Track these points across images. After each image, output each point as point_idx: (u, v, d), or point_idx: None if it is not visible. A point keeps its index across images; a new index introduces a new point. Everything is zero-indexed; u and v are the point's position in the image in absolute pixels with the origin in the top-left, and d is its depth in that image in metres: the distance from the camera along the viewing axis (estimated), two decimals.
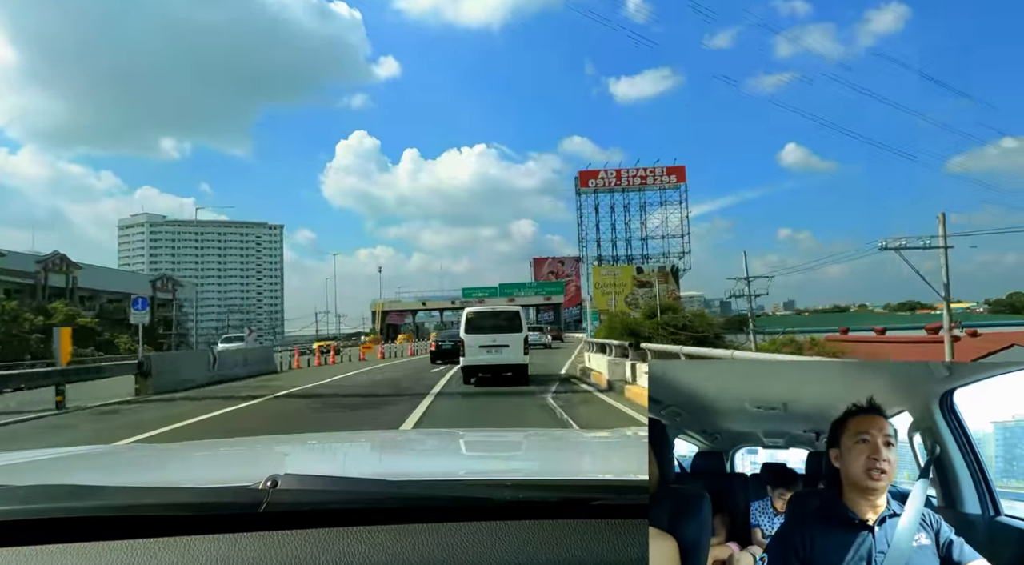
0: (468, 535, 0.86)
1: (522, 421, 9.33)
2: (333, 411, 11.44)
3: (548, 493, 1.00)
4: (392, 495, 0.96)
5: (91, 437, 8.80)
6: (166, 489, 1.06)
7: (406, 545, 0.85)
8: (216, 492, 0.99)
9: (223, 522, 0.87)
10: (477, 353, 13.88)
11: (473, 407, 11.37)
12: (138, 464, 1.66)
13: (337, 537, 0.85)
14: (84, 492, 0.94)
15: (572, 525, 0.89)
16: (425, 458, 1.85)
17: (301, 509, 0.90)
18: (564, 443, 2.12)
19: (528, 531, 0.88)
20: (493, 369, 14.16)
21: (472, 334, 13.99)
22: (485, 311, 15.01)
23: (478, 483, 1.09)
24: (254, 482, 0.94)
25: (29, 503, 0.91)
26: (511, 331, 14.02)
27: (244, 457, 1.79)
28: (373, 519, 0.89)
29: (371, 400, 12.91)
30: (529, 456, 1.84)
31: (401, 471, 1.54)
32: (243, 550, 0.83)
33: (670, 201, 72.94)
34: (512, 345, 13.92)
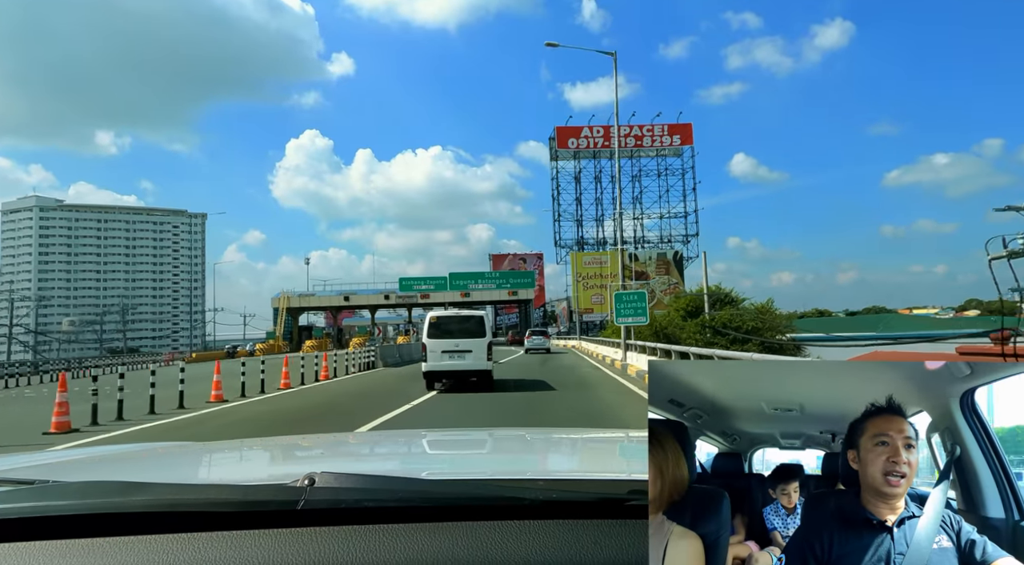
0: (501, 534, 0.87)
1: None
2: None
3: (581, 492, 1.00)
4: (426, 494, 0.98)
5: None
6: (210, 486, 1.11)
7: (440, 544, 0.86)
8: (257, 489, 1.03)
9: (263, 519, 0.90)
10: (440, 358, 13.91)
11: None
12: (182, 462, 1.73)
13: (373, 535, 0.87)
14: (133, 488, 0.98)
15: (606, 525, 0.90)
16: (458, 457, 1.87)
17: (338, 506, 0.92)
18: (598, 442, 2.11)
19: (561, 530, 0.88)
20: (456, 375, 14.16)
21: (434, 339, 13.98)
22: (449, 316, 14.84)
23: (510, 482, 1.10)
24: (292, 480, 0.97)
25: (85, 498, 0.95)
26: (475, 336, 14.00)
27: (282, 456, 1.85)
28: (408, 517, 0.91)
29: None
30: (563, 455, 1.84)
31: (435, 470, 1.56)
32: (282, 546, 0.85)
33: (671, 170, 54.03)
34: (476, 350, 13.92)
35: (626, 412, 10.64)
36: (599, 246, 56.82)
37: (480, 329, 14.13)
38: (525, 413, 10.71)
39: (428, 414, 10.92)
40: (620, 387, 14.92)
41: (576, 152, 54.67)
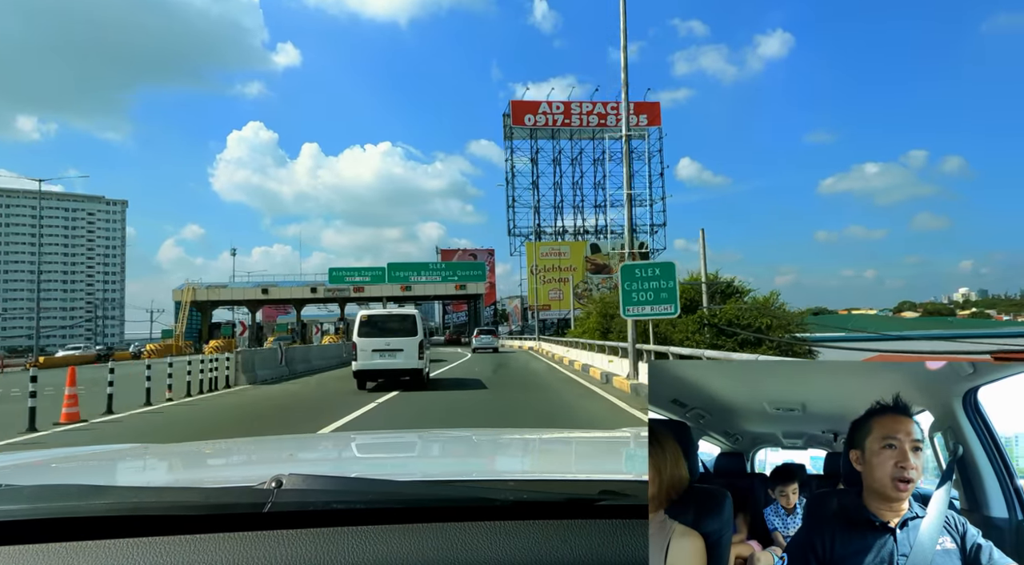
0: (472, 535, 0.87)
1: None
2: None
3: (552, 492, 0.99)
4: (396, 495, 0.97)
5: None
6: (172, 489, 1.08)
7: (410, 545, 0.85)
8: (222, 492, 1.01)
9: (229, 522, 0.88)
10: (370, 357, 13.93)
11: None
12: (145, 464, 1.69)
13: (342, 537, 0.86)
14: (91, 492, 0.95)
15: (577, 525, 0.89)
16: (430, 458, 1.85)
17: (306, 509, 0.90)
18: (569, 443, 2.10)
19: (532, 531, 0.88)
20: (387, 374, 14.18)
21: (365, 338, 13.98)
22: (380, 315, 14.94)
23: (481, 483, 1.09)
24: (259, 482, 0.95)
25: (37, 502, 0.92)
26: (406, 335, 14.01)
27: (250, 457, 1.82)
28: (378, 519, 0.90)
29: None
30: (534, 456, 1.82)
31: (406, 471, 1.54)
32: (248, 549, 0.83)
33: (636, 153, 47.89)
34: (407, 349, 13.94)
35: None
36: (558, 235, 50.64)
37: (413, 328, 14.14)
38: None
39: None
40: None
41: (533, 129, 48.32)
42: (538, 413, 10.79)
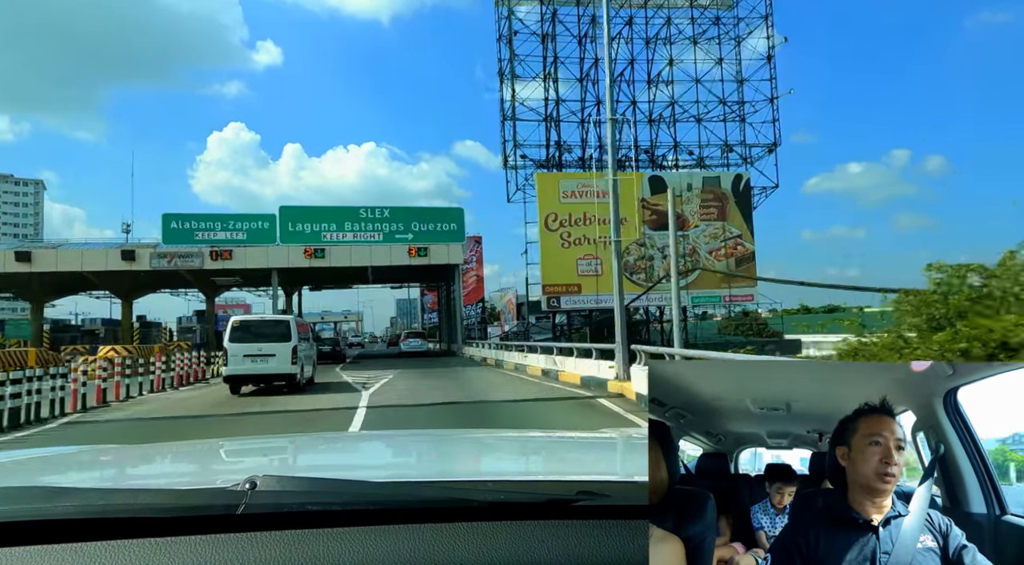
0: (448, 536, 0.86)
1: None
2: None
3: (530, 493, 0.99)
4: (372, 496, 0.96)
5: None
6: (144, 490, 1.05)
7: (386, 547, 0.84)
8: (194, 494, 0.99)
9: (201, 524, 0.87)
10: (241, 362, 13.83)
11: None
12: (113, 466, 1.64)
13: (317, 539, 0.85)
14: (59, 494, 0.93)
15: (554, 526, 0.89)
16: (407, 459, 1.83)
17: (281, 510, 0.89)
18: (553, 444, 2.10)
19: (509, 532, 0.87)
20: (259, 379, 14.15)
21: (236, 343, 13.89)
22: (251, 320, 14.99)
23: (459, 483, 1.08)
24: (233, 483, 0.94)
25: (4, 504, 0.89)
26: (278, 340, 13.97)
27: (223, 458, 1.78)
28: (352, 521, 0.89)
29: None
30: (513, 456, 1.82)
31: (382, 473, 1.53)
32: (221, 551, 0.82)
33: (709, 38, 28.54)
34: (279, 354, 13.89)
35: None
36: (588, 167, 27.62)
37: (286, 333, 14.16)
38: None
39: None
40: None
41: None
42: None
